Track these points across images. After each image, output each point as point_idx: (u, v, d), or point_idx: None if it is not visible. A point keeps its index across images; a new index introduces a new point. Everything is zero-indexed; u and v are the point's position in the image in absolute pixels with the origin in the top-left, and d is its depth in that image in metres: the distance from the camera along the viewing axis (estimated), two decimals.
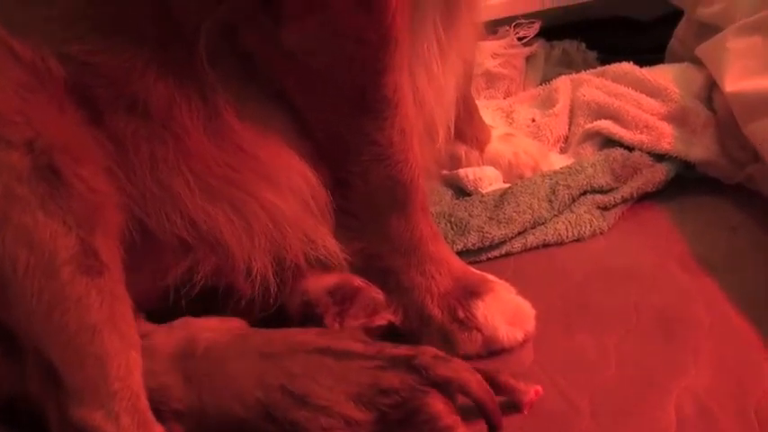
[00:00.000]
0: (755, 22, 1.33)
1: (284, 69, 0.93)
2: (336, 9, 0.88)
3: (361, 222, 1.01)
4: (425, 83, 1.03)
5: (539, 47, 1.72)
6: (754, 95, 1.26)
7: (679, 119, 1.37)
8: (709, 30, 1.47)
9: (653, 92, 1.41)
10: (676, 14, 1.63)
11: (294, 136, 0.96)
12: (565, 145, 1.46)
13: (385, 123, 0.95)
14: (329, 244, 0.99)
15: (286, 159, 0.95)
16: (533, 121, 1.48)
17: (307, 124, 0.96)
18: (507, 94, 1.63)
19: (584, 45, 1.77)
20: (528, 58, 1.70)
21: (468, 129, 1.34)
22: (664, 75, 1.46)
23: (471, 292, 1.03)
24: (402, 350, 0.92)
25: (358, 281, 1.05)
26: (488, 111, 1.51)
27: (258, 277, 0.97)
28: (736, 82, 1.30)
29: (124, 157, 0.90)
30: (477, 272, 1.08)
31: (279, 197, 0.95)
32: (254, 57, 0.92)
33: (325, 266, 1.02)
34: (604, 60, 1.69)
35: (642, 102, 1.40)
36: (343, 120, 0.95)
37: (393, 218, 1.00)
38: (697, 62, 1.45)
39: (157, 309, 1.01)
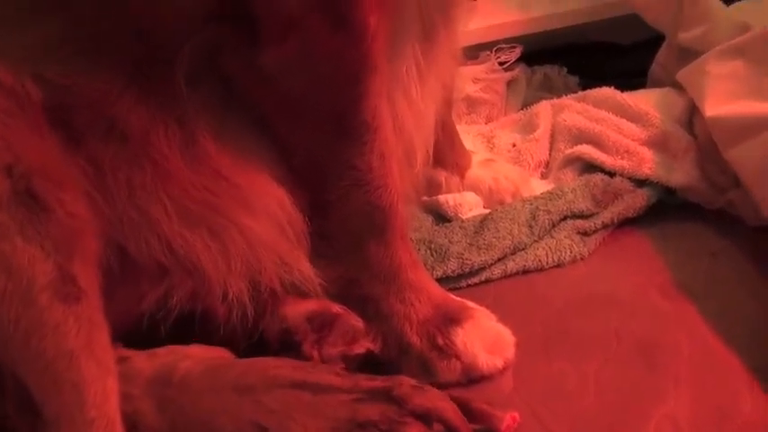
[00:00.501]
0: (735, 46, 1.33)
1: (263, 94, 0.93)
2: (314, 33, 0.88)
3: (340, 248, 1.01)
4: (405, 108, 1.03)
5: (520, 72, 1.72)
6: (735, 120, 1.26)
7: (660, 144, 1.37)
8: (689, 54, 1.47)
9: (634, 117, 1.41)
10: (657, 39, 1.63)
11: (273, 161, 0.96)
12: (546, 170, 1.46)
13: (364, 148, 0.95)
14: (304, 269, 0.99)
15: (264, 185, 0.95)
16: (514, 146, 1.48)
17: (286, 149, 0.96)
18: (488, 119, 1.63)
19: (565, 70, 1.77)
20: (509, 83, 1.69)
21: (448, 154, 1.34)
22: (645, 100, 1.46)
23: (451, 319, 1.02)
24: (378, 382, 0.91)
25: (337, 308, 1.04)
26: (469, 136, 1.50)
27: (234, 301, 0.97)
28: (716, 106, 1.30)
29: (103, 180, 0.90)
30: (457, 299, 1.07)
31: (255, 222, 0.95)
32: (233, 81, 0.93)
33: (303, 293, 1.01)
34: (586, 85, 1.68)
35: (623, 127, 1.40)
36: (323, 144, 0.95)
37: (372, 244, 1.00)
38: (678, 87, 1.46)
39: (140, 335, 1.00)
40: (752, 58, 1.30)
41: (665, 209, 1.34)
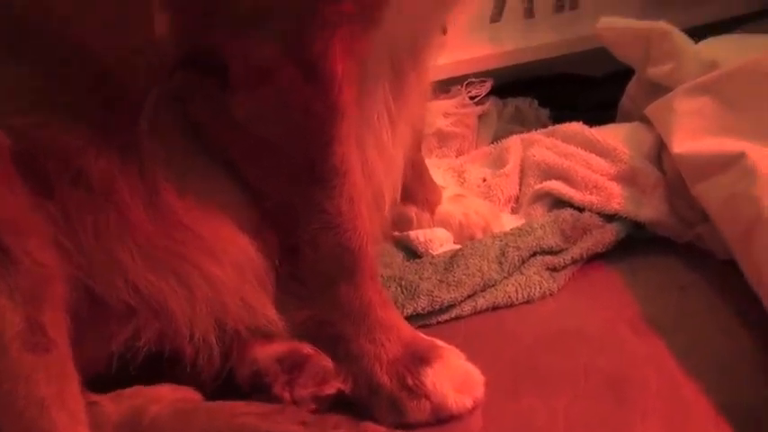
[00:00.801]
0: (703, 83, 1.35)
1: (233, 140, 0.94)
2: (284, 81, 0.89)
3: (310, 289, 1.01)
4: (375, 153, 1.05)
5: (491, 105, 1.73)
6: (702, 157, 1.28)
7: (628, 179, 1.39)
8: (659, 89, 1.49)
9: (602, 152, 1.42)
10: (628, 71, 1.64)
11: (238, 208, 0.97)
12: (516, 205, 1.46)
13: (333, 192, 0.95)
14: (269, 313, 0.99)
15: (228, 234, 0.96)
16: (484, 180, 1.49)
17: (255, 194, 0.97)
18: (459, 153, 1.64)
19: (536, 102, 1.79)
20: (480, 117, 1.71)
21: (418, 191, 1.34)
22: (614, 135, 1.47)
23: (420, 358, 1.03)
24: (344, 430, 0.91)
25: (307, 348, 1.05)
26: (440, 170, 1.51)
27: (201, 342, 0.98)
28: (683, 143, 1.32)
29: (71, 226, 0.90)
30: (427, 338, 1.08)
31: (220, 269, 0.96)
32: (201, 127, 0.93)
33: (270, 335, 1.02)
34: (557, 117, 1.71)
35: (592, 162, 1.41)
36: (292, 189, 0.96)
37: (342, 285, 1.01)
38: (647, 121, 1.47)
39: (107, 375, 1.00)
40: (718, 96, 1.32)
41: (635, 243, 1.34)
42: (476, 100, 1.71)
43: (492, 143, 1.63)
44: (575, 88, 1.86)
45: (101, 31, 0.90)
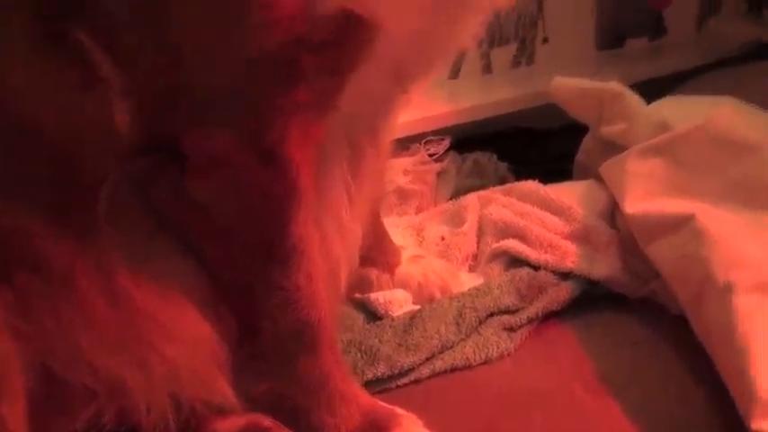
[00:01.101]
0: (654, 145, 1.38)
1: (193, 222, 0.95)
2: (242, 167, 0.91)
3: (270, 364, 1.03)
4: (333, 228, 1.07)
5: (450, 161, 1.76)
6: (653, 217, 1.31)
7: (582, 238, 1.42)
8: (613, 145, 1.52)
9: (557, 211, 1.46)
10: (584, 124, 1.67)
11: (197, 288, 0.98)
12: (474, 263, 1.48)
13: (291, 270, 0.97)
14: (226, 390, 1.00)
15: (186, 314, 0.97)
16: (443, 239, 1.51)
17: (214, 274, 0.98)
18: (419, 210, 1.66)
19: (495, 156, 1.81)
20: (439, 173, 1.73)
21: (378, 253, 1.36)
22: (568, 193, 1.51)
23: (378, 427, 1.05)
24: None
25: (268, 421, 1.05)
26: (399, 229, 1.53)
27: (159, 420, 0.98)
28: (635, 204, 1.35)
29: (30, 312, 0.91)
30: (386, 406, 1.09)
31: (177, 349, 0.97)
32: (161, 210, 0.95)
33: (229, 410, 1.03)
34: (516, 170, 1.74)
35: (547, 221, 1.44)
36: (251, 269, 0.98)
37: (302, 358, 1.02)
38: (601, 178, 1.50)
39: None
40: (670, 158, 1.36)
41: (590, 300, 1.37)
42: (435, 157, 1.73)
43: (451, 199, 1.66)
44: (532, 141, 1.89)
45: (57, 117, 0.91)
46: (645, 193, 1.36)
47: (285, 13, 0.84)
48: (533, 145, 1.88)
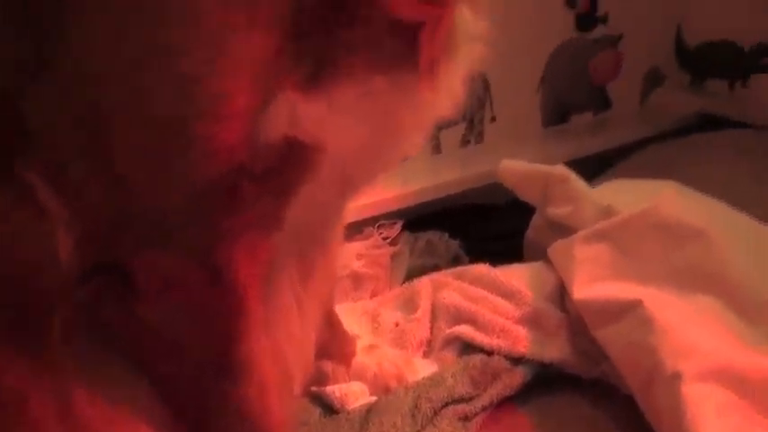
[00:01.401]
0: (600, 230, 1.42)
1: (145, 341, 0.96)
2: (189, 287, 0.92)
3: None
4: (284, 337, 1.08)
5: (403, 243, 1.78)
6: (600, 303, 1.34)
7: (533, 321, 1.44)
8: (561, 225, 1.55)
9: (507, 294, 1.48)
10: None
11: (153, 408, 0.99)
12: (428, 349, 1.50)
13: (242, 384, 0.99)
14: None
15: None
16: (397, 325, 1.53)
17: (167, 391, 0.99)
18: (374, 294, 1.68)
19: (446, 235, 1.84)
20: (393, 256, 1.76)
21: (333, 346, 1.38)
22: (518, 275, 1.53)
23: None
24: None
25: None
26: (354, 315, 1.55)
27: None
28: (582, 289, 1.38)
29: None
30: None
31: None
32: (114, 332, 0.96)
33: None
34: (468, 248, 1.77)
35: (498, 305, 1.47)
36: (202, 382, 0.99)
37: None
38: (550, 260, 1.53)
39: None
40: (614, 244, 1.39)
41: (543, 382, 1.39)
42: (388, 240, 1.75)
43: (405, 281, 1.68)
44: (484, 218, 1.92)
45: (3, 248, 0.91)
46: (591, 278, 1.38)
47: (225, 144, 0.85)
48: (485, 222, 1.91)
